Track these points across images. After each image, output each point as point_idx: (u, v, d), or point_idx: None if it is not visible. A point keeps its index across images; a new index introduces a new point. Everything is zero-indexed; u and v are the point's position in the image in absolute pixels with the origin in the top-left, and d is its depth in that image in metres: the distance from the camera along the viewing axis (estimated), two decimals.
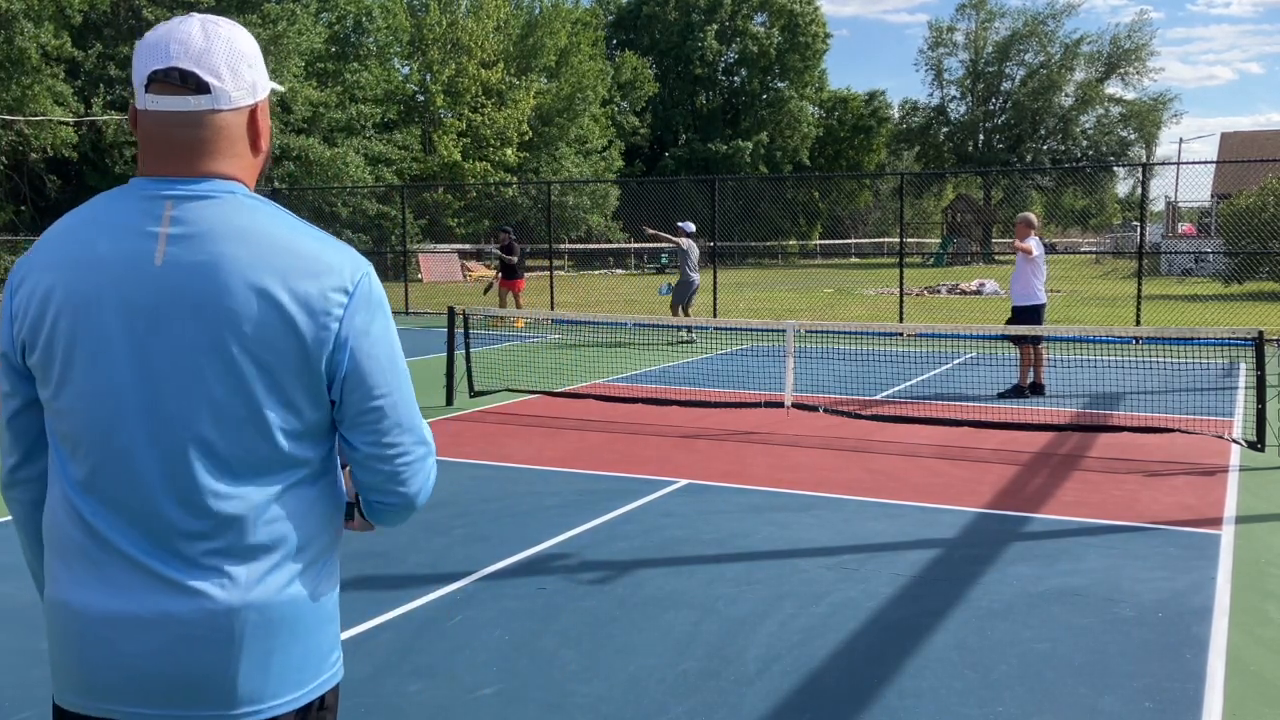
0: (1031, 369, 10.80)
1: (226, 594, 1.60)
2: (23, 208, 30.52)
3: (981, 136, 59.50)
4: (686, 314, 16.56)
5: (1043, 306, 10.80)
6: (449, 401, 10.44)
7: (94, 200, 1.68)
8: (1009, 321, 10.86)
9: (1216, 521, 6.26)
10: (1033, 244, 10.61)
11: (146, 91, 1.62)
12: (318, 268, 1.62)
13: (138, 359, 1.58)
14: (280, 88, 1.89)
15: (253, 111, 1.68)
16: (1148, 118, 57.79)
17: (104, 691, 1.62)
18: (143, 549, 1.60)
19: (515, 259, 18.45)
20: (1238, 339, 9.09)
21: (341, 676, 1.78)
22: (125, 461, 1.60)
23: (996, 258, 44.42)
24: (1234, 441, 8.22)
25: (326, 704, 1.75)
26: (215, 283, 1.58)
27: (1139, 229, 18.98)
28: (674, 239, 16.57)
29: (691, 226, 16.82)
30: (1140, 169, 23.96)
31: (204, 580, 1.60)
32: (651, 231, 17.56)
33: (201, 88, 1.61)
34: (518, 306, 18.46)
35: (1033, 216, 11.04)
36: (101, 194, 1.68)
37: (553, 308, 21.48)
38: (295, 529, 1.66)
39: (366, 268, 1.69)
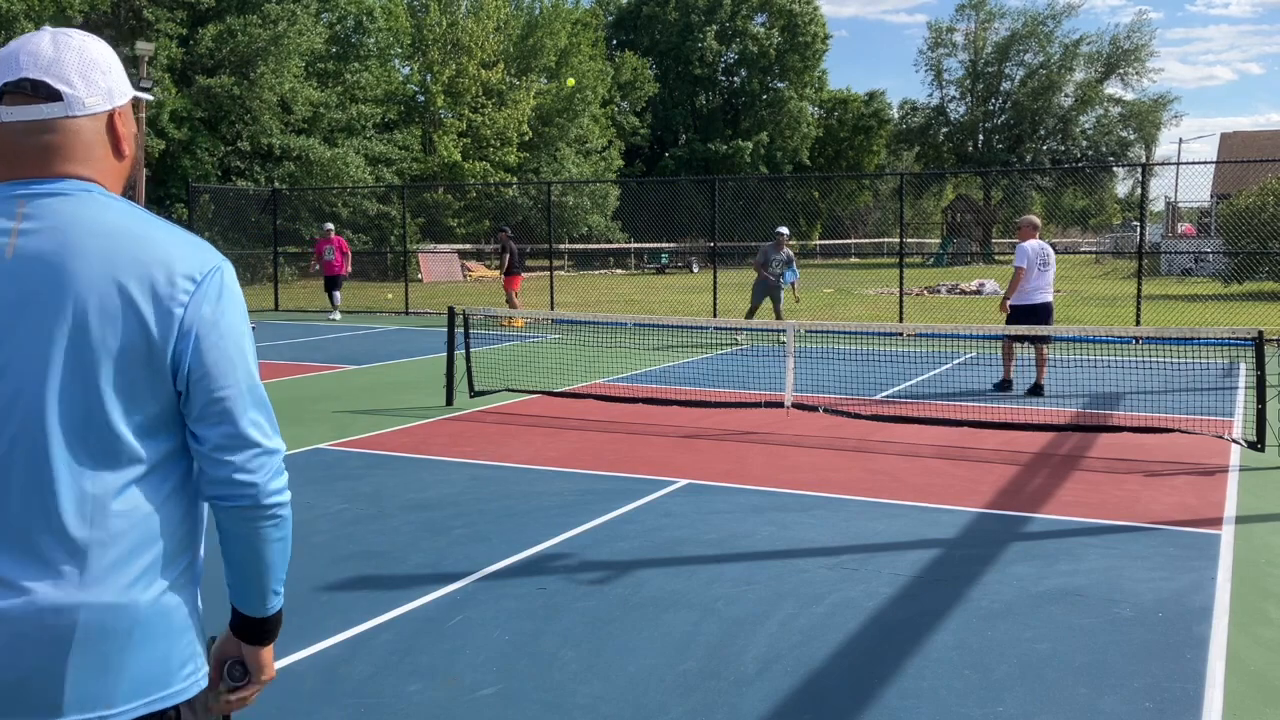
0: (1036, 368, 10.81)
1: (57, 592, 1.55)
2: None
3: (981, 137, 59.46)
4: (751, 315, 16.54)
5: (1039, 306, 10.75)
6: (449, 401, 10.44)
7: None
8: (1011, 322, 10.85)
9: (1216, 521, 6.26)
10: (1021, 258, 10.64)
11: (1, 104, 1.64)
12: (167, 257, 1.62)
13: None
14: (148, 96, 1.90)
15: (111, 116, 1.70)
16: (1147, 118, 57.75)
17: None
18: None
19: (513, 256, 18.75)
20: (1238, 339, 9.09)
21: (197, 691, 1.70)
22: None
23: (996, 258, 44.40)
24: (1234, 441, 8.22)
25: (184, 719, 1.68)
26: (64, 273, 1.58)
27: (1139, 229, 18.98)
28: (778, 253, 16.48)
29: (785, 231, 16.74)
30: (1140, 169, 23.95)
31: (36, 577, 1.55)
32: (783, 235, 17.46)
33: (52, 95, 1.63)
34: (515, 305, 18.55)
35: (1035, 219, 11.05)
36: None
37: (553, 308, 21.48)
38: (137, 527, 1.61)
39: (221, 263, 1.68)
